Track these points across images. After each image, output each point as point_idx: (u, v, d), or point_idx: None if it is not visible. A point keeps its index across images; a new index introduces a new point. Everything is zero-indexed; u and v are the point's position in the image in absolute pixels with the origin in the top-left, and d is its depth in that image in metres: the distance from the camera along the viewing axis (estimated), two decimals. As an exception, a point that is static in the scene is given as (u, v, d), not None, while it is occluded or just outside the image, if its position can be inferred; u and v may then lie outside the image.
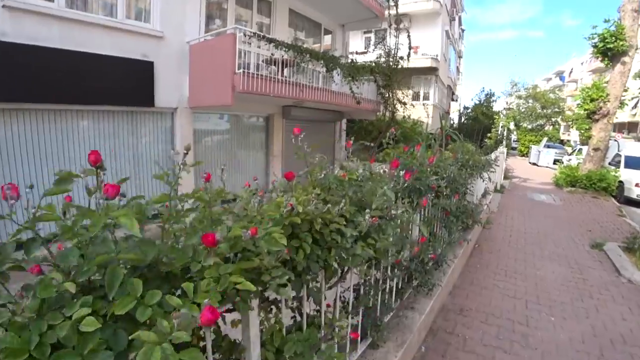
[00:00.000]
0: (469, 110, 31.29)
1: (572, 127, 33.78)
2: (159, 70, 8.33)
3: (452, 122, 34.93)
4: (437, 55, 20.64)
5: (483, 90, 33.00)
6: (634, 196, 12.64)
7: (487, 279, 5.38)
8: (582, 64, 57.08)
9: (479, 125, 27.62)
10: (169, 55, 8.51)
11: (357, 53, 13.93)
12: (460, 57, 39.28)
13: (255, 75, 8.24)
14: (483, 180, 6.92)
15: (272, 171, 11.73)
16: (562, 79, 60.46)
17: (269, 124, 11.78)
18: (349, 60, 11.70)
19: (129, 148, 8.19)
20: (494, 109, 30.53)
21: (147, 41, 8.11)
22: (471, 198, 6.59)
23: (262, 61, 9.30)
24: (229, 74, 8.02)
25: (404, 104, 14.06)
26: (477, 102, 30.84)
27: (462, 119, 33.10)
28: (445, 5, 22.19)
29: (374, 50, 13.92)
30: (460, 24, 32.93)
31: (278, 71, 9.67)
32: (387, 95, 13.27)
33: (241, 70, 7.93)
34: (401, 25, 21.87)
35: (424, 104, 15.88)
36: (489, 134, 21.65)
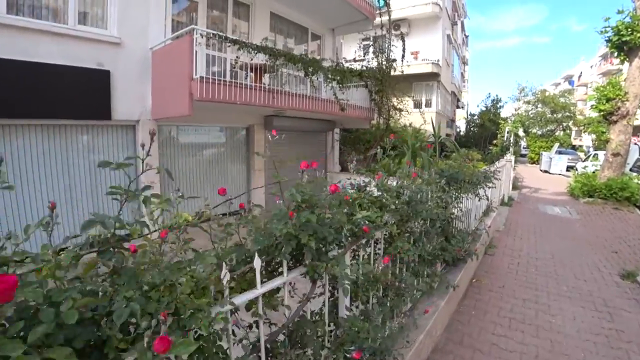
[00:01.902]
0: (475, 117, 29.63)
1: (584, 132, 31.76)
2: (117, 79, 7.29)
3: (458, 129, 33.34)
4: (438, 60, 19.22)
5: (489, 96, 31.22)
6: (661, 206, 10.91)
7: (483, 333, 3.88)
8: (591, 67, 55.09)
9: (486, 132, 25.95)
10: (129, 64, 7.47)
11: (354, 60, 12.66)
12: (464, 63, 37.65)
13: (218, 82, 7.09)
14: (479, 199, 5.42)
15: (254, 186, 10.43)
16: (571, 83, 58.39)
17: (249, 135, 10.52)
18: (334, 64, 10.36)
19: (84, 165, 7.17)
20: (501, 115, 28.79)
21: (102, 48, 7.12)
22: (465, 222, 5.12)
23: (240, 68, 8.23)
24: (186, 81, 6.93)
25: (400, 110, 12.69)
26: (484, 109, 29.19)
27: (470, 127, 31.50)
28: (445, 9, 20.84)
29: (364, 55, 12.53)
30: (463, 29, 31.41)
31: (257, 78, 8.53)
32: (380, 101, 11.85)
33: (198, 76, 6.78)
34: (400, 30, 20.71)
35: (420, 111, 14.23)
36: (495, 141, 19.94)
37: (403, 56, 12.77)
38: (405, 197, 2.39)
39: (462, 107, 34.65)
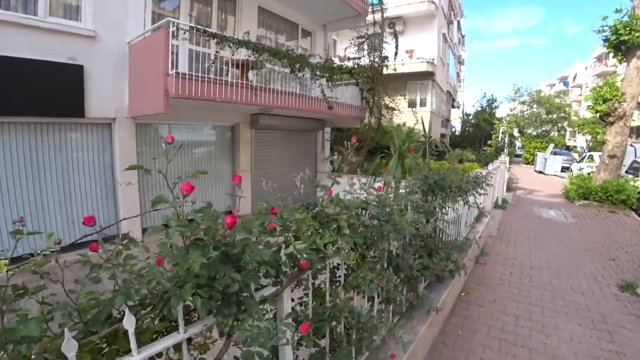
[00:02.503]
0: (470, 117, 29.24)
1: (578, 133, 31.41)
2: (91, 75, 6.80)
3: (453, 129, 32.94)
4: (433, 59, 18.76)
5: (484, 96, 30.85)
6: (658, 210, 10.52)
7: (471, 358, 3.45)
8: (586, 68, 54.95)
9: (481, 133, 25.56)
10: (105, 58, 6.97)
11: (348, 59, 12.21)
12: (460, 62, 37.23)
13: (195, 78, 6.65)
14: (468, 207, 4.98)
15: (240, 189, 9.94)
16: (566, 84, 58.16)
17: (235, 134, 10.04)
18: (323, 60, 9.90)
19: (55, 166, 6.69)
20: (496, 115, 28.39)
21: (75, 42, 6.61)
22: (455, 231, 4.69)
23: (225, 64, 7.69)
24: (161, 76, 6.52)
25: (392, 109, 12.27)
26: (479, 108, 28.79)
27: (465, 127, 31.13)
28: (441, 7, 20.41)
29: (357, 52, 12.05)
30: (459, 28, 30.97)
31: (242, 75, 8.08)
32: (371, 100, 11.40)
33: (173, 72, 6.35)
34: (394, 28, 20.24)
35: (412, 110, 13.73)
36: (489, 141, 19.50)
37: (396, 53, 12.33)
38: (370, 215, 1.94)
39: (458, 107, 34.27)
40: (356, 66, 11.02)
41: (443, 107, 23.33)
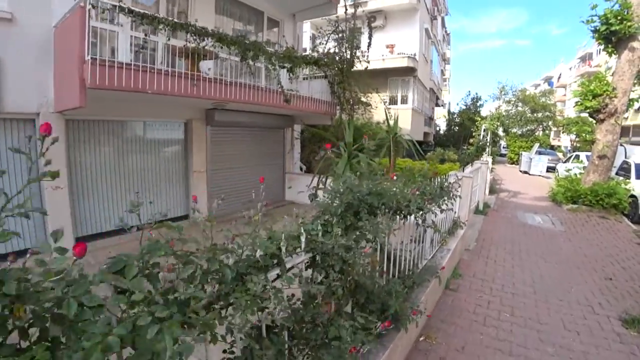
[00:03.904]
0: (455, 116, 28.20)
1: (563, 132, 30.58)
2: (7, 63, 5.64)
3: (438, 128, 31.89)
4: (414, 54, 17.60)
5: (469, 94, 29.83)
6: (652, 215, 9.46)
7: None
8: (570, 69, 54.75)
9: (465, 131, 24.51)
10: (24, 44, 5.80)
11: (317, 50, 10.99)
12: (445, 60, 36.18)
13: (119, 65, 5.49)
14: (425, 230, 3.74)
15: (194, 192, 8.69)
16: (550, 84, 57.84)
17: (187, 132, 8.72)
18: (285, 49, 8.64)
19: None
20: (481, 114, 27.37)
21: None
22: (414, 253, 3.46)
23: (173, 52, 6.54)
24: (77, 63, 5.31)
25: (367, 104, 11.08)
26: (464, 107, 27.77)
27: (451, 125, 30.15)
28: (424, 2, 19.27)
29: (327, 42, 10.79)
30: (444, 25, 29.90)
31: (192, 64, 6.89)
32: (341, 95, 10.16)
33: (90, 57, 5.14)
34: (368, 16, 19.07)
35: (386, 106, 12.34)
36: (471, 140, 18.38)
37: (369, 44, 11.12)
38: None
39: (442, 106, 33.24)
40: (323, 57, 9.79)
41: (426, 105, 22.21)
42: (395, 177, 3.31)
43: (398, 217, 2.61)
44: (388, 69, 17.59)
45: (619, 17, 9.94)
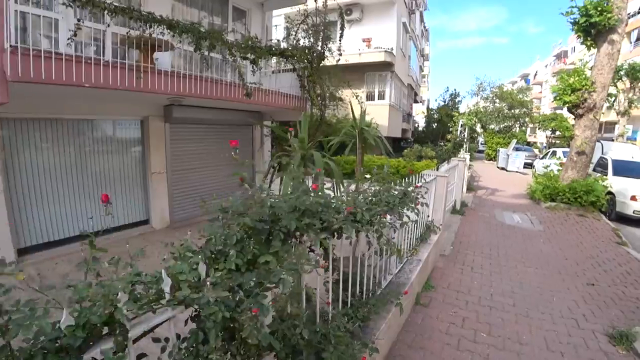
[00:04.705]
0: (433, 112, 27.94)
1: (539, 129, 30.78)
2: None
3: (416, 124, 31.66)
4: (392, 49, 17.13)
5: (447, 90, 29.63)
6: (629, 212, 9.18)
7: None
8: (546, 66, 55.79)
9: (444, 128, 24.25)
10: None
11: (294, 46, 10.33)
12: (423, 56, 35.91)
13: (47, 55, 4.75)
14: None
15: (153, 196, 7.95)
16: (527, 81, 58.86)
17: (144, 130, 7.93)
18: (247, 39, 7.96)
19: None
20: (460, 110, 27.20)
21: None
22: (373, 266, 2.89)
23: (122, 43, 5.92)
24: None
25: (339, 99, 10.52)
26: (442, 103, 27.54)
27: (430, 122, 29.92)
28: (402, -6, 18.81)
29: (295, 33, 10.13)
30: (422, 20, 29.56)
31: (146, 56, 6.20)
32: (311, 89, 9.54)
33: (9, 46, 4.40)
34: (352, 17, 18.43)
35: (359, 100, 11.61)
36: (448, 136, 18.02)
37: (341, 35, 10.52)
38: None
39: (422, 102, 32.98)
40: (290, 48, 9.13)
41: (404, 101, 21.81)
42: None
43: (336, 237, 2.03)
44: (365, 63, 17.09)
45: (599, 9, 9.62)
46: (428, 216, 5.22)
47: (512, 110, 28.21)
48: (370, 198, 2.59)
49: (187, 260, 1.43)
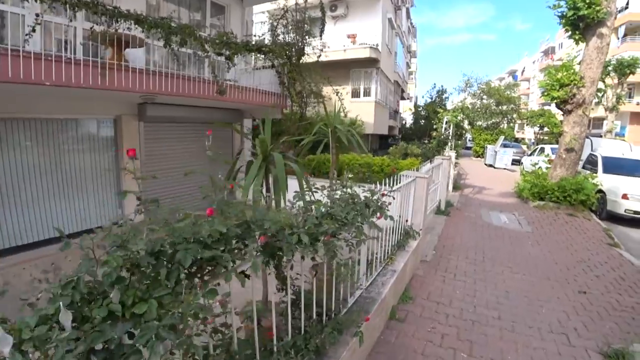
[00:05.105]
0: (420, 109, 27.66)
1: (527, 125, 30.67)
2: None
3: (403, 121, 31.33)
4: (377, 45, 16.70)
5: (434, 87, 29.40)
6: (621, 211, 8.89)
7: None
8: (533, 62, 56.15)
9: (430, 125, 23.95)
10: None
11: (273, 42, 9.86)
12: (410, 53, 35.58)
13: (3, 53, 4.30)
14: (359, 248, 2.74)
15: (127, 196, 7.39)
16: (515, 77, 59.06)
17: (117, 129, 7.41)
18: (223, 35, 7.49)
19: None
20: (447, 107, 26.92)
21: None
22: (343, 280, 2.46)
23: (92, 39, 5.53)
24: None
25: (320, 96, 10.10)
26: (429, 99, 27.25)
27: (417, 118, 29.65)
28: (387, -10, 18.39)
29: (275, 28, 9.66)
30: (409, 17, 29.22)
31: (117, 53, 5.73)
32: (291, 86, 9.09)
33: None
34: (337, 12, 17.97)
35: (338, 96, 11.07)
36: (433, 133, 17.63)
37: (322, 30, 10.09)
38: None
39: (409, 99, 32.70)
40: (268, 43, 8.68)
41: (390, 97, 21.44)
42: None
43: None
44: (350, 60, 16.65)
45: (587, 1, 9.30)
46: (407, 220, 4.80)
47: (500, 107, 28.03)
48: (324, 210, 2.15)
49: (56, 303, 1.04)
